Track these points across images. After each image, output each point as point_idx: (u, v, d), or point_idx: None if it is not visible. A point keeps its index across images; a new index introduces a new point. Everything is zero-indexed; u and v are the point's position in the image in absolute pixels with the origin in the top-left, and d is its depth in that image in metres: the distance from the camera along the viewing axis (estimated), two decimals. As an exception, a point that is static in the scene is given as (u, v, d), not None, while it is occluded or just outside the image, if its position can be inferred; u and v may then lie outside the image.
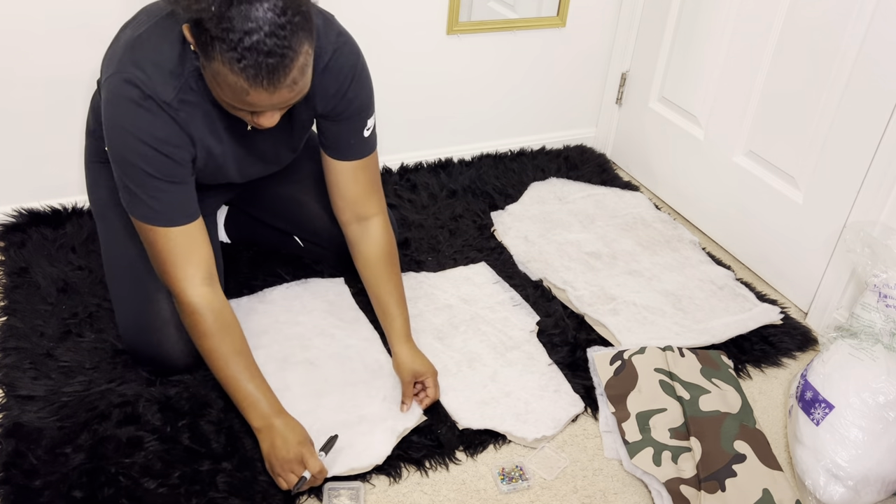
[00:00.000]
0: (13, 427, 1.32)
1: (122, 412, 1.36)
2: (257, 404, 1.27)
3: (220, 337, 1.28)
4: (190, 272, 1.27)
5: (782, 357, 1.68)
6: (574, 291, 1.78)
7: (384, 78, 2.12)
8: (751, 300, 1.81)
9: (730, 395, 1.49)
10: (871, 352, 1.37)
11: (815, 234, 1.78)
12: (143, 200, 1.23)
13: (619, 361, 1.55)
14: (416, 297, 1.72)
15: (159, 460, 1.29)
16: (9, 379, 1.41)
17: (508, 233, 1.99)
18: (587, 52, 2.35)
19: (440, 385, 1.48)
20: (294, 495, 1.26)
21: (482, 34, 2.16)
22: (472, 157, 2.34)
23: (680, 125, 2.16)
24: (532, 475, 1.36)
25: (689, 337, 1.67)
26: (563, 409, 1.48)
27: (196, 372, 1.45)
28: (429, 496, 1.32)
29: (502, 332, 1.65)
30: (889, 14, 1.53)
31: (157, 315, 1.40)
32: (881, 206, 1.59)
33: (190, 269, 1.27)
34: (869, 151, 1.60)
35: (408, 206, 2.06)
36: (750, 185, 1.94)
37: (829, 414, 1.35)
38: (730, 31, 1.94)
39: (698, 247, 2.01)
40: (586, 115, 2.49)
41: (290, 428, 1.26)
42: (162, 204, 1.24)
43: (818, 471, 1.33)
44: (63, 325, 1.53)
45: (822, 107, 1.71)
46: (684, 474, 1.34)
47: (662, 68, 2.21)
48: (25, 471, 1.25)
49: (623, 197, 2.20)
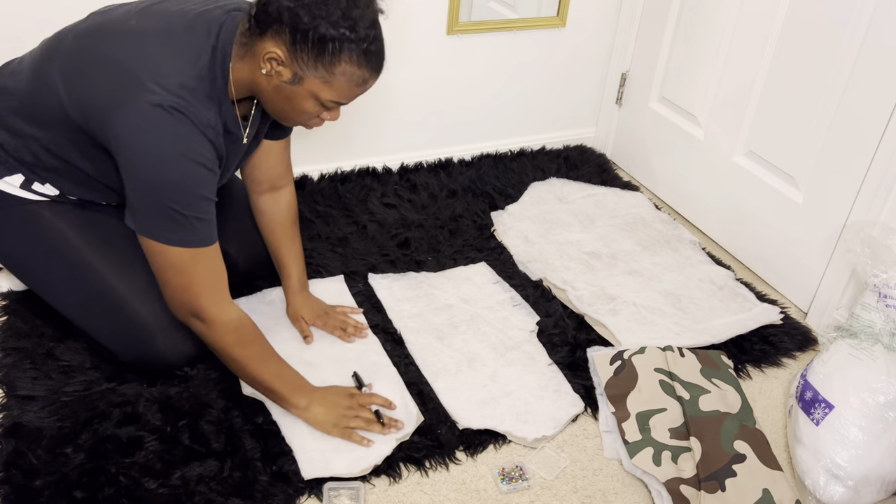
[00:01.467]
0: (13, 427, 1.32)
1: (122, 412, 1.36)
2: (300, 386, 1.38)
3: (259, 342, 1.35)
4: (222, 291, 1.30)
5: (782, 357, 1.68)
6: (574, 291, 1.78)
7: (384, 78, 2.11)
8: (751, 300, 1.81)
9: (730, 395, 1.49)
10: (871, 352, 1.37)
11: (814, 234, 1.78)
12: (191, 224, 1.23)
13: (619, 361, 1.55)
14: (416, 297, 1.72)
15: (159, 460, 1.29)
16: (9, 379, 1.41)
17: (508, 233, 1.99)
18: (587, 52, 2.35)
19: (440, 385, 1.49)
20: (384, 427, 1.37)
21: (482, 34, 2.16)
22: (472, 157, 2.34)
23: (680, 125, 2.16)
24: (532, 475, 1.36)
25: (689, 337, 1.67)
26: (563, 409, 1.48)
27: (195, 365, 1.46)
28: (429, 496, 1.32)
29: (502, 332, 1.65)
30: (889, 14, 1.53)
31: (146, 328, 1.39)
32: (881, 206, 1.59)
33: (222, 289, 1.29)
34: (869, 151, 1.60)
35: (408, 206, 2.06)
36: (750, 185, 1.95)
37: (829, 414, 1.35)
38: (730, 31, 1.94)
39: (698, 247, 2.01)
40: (586, 115, 2.49)
41: (328, 391, 1.40)
42: (205, 224, 1.25)
43: (818, 471, 1.33)
44: (63, 325, 1.53)
45: (822, 107, 1.71)
46: (684, 474, 1.34)
47: (662, 68, 2.21)
48: (25, 471, 1.25)
49: (623, 197, 2.20)
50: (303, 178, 2.13)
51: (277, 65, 1.19)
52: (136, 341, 1.40)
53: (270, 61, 1.19)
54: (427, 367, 1.54)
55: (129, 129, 1.18)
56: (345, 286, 1.73)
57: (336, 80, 1.20)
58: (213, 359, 1.49)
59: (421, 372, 1.53)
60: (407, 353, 1.58)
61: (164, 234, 1.23)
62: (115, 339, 1.41)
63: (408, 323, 1.65)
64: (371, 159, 2.24)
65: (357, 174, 2.19)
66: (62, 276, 1.41)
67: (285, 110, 1.26)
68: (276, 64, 1.19)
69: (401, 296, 1.73)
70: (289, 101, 1.23)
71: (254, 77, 1.23)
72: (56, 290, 1.44)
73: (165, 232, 1.23)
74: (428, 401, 1.46)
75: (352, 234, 1.93)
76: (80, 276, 1.40)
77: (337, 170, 2.19)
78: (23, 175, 1.37)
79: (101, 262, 1.40)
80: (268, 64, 1.20)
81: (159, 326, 1.39)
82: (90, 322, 1.43)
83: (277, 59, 1.18)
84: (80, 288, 1.41)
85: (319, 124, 1.31)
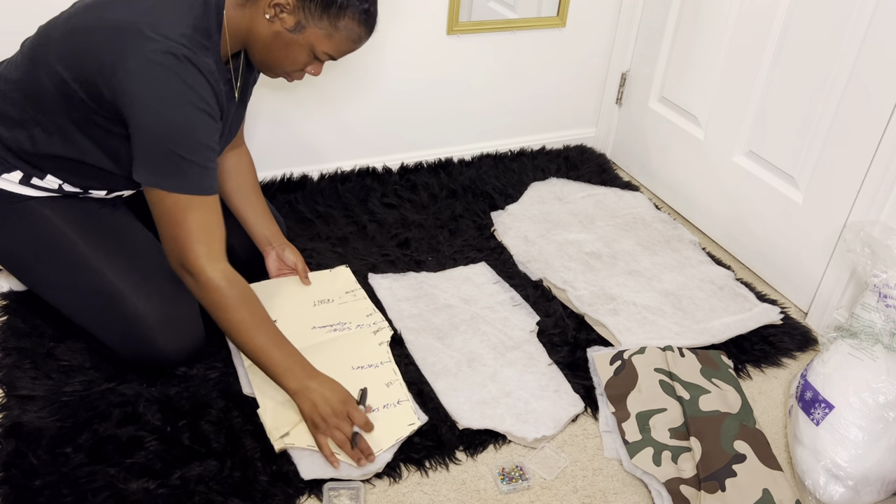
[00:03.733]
0: (13, 427, 1.32)
1: (122, 412, 1.36)
2: (291, 368, 1.30)
3: (245, 308, 1.29)
4: (215, 248, 1.28)
5: (782, 357, 1.68)
6: (574, 291, 1.78)
7: (384, 78, 2.12)
8: (751, 300, 1.81)
9: (730, 395, 1.49)
10: (871, 352, 1.37)
11: (815, 234, 1.78)
12: (192, 171, 1.24)
13: (619, 361, 1.55)
14: (416, 297, 1.72)
15: (159, 460, 1.29)
16: (9, 379, 1.41)
17: (508, 233, 1.99)
18: (587, 52, 2.35)
19: (440, 385, 1.49)
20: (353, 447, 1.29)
21: (482, 34, 2.16)
22: (472, 157, 2.34)
23: (680, 125, 2.16)
24: (532, 475, 1.36)
25: (689, 337, 1.67)
26: (563, 409, 1.48)
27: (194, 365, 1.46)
28: (429, 496, 1.32)
29: (502, 332, 1.65)
30: (889, 14, 1.53)
31: (145, 323, 1.39)
32: (881, 206, 1.59)
33: (215, 245, 1.28)
34: (869, 151, 1.60)
35: (408, 206, 2.06)
36: (750, 185, 1.95)
37: (829, 414, 1.35)
38: (730, 31, 1.94)
39: (698, 247, 2.01)
40: (586, 115, 2.49)
41: (327, 387, 1.31)
42: (208, 173, 1.26)
43: (818, 471, 1.33)
44: (63, 325, 1.53)
45: (822, 107, 1.71)
46: (684, 474, 1.34)
47: (662, 68, 2.21)
48: (25, 471, 1.25)
49: (623, 197, 2.20)
50: (303, 178, 2.13)
51: (282, 11, 1.24)
52: (136, 337, 1.39)
53: (276, 7, 1.24)
54: (427, 367, 1.54)
55: (137, 76, 1.19)
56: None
57: (337, 34, 1.27)
58: (213, 358, 1.49)
59: (421, 372, 1.53)
60: (407, 352, 1.58)
61: (166, 180, 1.24)
62: (114, 335, 1.41)
63: (408, 323, 1.65)
64: (371, 159, 2.24)
65: (357, 174, 2.19)
66: (61, 271, 1.41)
67: (278, 59, 1.30)
68: (281, 10, 1.24)
69: (401, 296, 1.73)
70: (284, 48, 1.28)
71: (252, 24, 1.27)
72: (55, 286, 1.44)
73: (167, 179, 1.24)
74: (428, 401, 1.46)
75: (352, 234, 1.93)
76: (78, 272, 1.40)
77: (337, 170, 2.19)
78: (21, 171, 1.37)
79: (100, 257, 1.40)
80: (273, 10, 1.24)
81: (158, 322, 1.39)
82: (89, 318, 1.42)
83: (286, 5, 1.23)
84: (79, 284, 1.41)
85: (301, 77, 1.36)
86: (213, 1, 1.26)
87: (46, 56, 1.29)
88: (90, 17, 1.26)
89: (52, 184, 1.40)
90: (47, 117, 1.32)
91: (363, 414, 1.31)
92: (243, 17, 1.28)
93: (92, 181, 1.41)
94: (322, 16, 1.25)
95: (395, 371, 1.48)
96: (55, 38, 1.29)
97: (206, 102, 1.24)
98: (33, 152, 1.35)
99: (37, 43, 1.32)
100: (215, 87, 1.26)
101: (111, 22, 1.23)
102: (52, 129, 1.33)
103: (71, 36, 1.27)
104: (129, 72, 1.19)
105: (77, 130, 1.32)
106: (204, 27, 1.25)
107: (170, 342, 1.41)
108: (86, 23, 1.26)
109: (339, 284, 1.71)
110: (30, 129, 1.34)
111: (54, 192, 1.41)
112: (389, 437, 1.35)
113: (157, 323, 1.39)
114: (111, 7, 1.26)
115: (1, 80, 1.37)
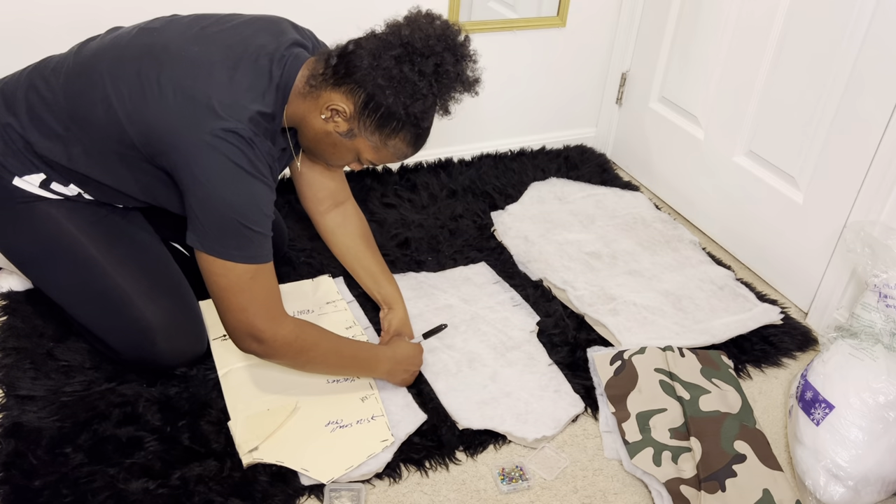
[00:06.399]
0: (13, 427, 1.32)
1: (122, 412, 1.36)
2: (375, 355, 1.43)
3: (319, 340, 1.34)
4: (279, 308, 1.28)
5: (782, 357, 1.68)
6: (574, 291, 1.78)
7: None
8: (751, 300, 1.81)
9: (730, 395, 1.49)
10: (872, 352, 1.37)
11: (815, 234, 1.78)
12: (258, 240, 1.24)
13: (619, 361, 1.55)
14: (416, 297, 1.72)
15: (159, 460, 1.29)
16: (9, 379, 1.41)
17: (508, 233, 1.99)
18: (587, 52, 2.35)
19: (440, 385, 1.49)
20: None
21: (482, 34, 2.16)
22: (472, 157, 2.34)
23: (680, 125, 2.16)
24: (532, 475, 1.36)
25: (689, 337, 1.67)
26: (563, 410, 1.48)
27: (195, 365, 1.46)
28: (429, 496, 1.32)
29: (502, 332, 1.65)
30: (889, 14, 1.53)
31: (148, 328, 1.39)
32: (881, 206, 1.59)
33: (278, 306, 1.28)
34: (869, 151, 1.60)
35: (408, 206, 2.06)
36: (750, 185, 1.94)
37: (829, 414, 1.35)
38: (730, 31, 1.94)
39: (698, 247, 2.01)
40: (586, 115, 2.49)
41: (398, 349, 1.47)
42: (268, 241, 1.26)
43: (818, 471, 1.33)
44: (63, 325, 1.53)
45: (822, 107, 1.71)
46: (684, 474, 1.34)
47: (662, 68, 2.21)
48: (25, 471, 1.25)
49: (623, 197, 2.20)
50: (303, 178, 2.13)
51: (338, 115, 1.25)
52: (138, 341, 1.40)
53: (333, 111, 1.25)
54: (427, 367, 1.54)
55: (203, 151, 1.18)
56: (344, 286, 1.73)
57: (384, 150, 1.30)
58: (213, 359, 1.49)
59: (421, 372, 1.53)
60: (407, 353, 1.58)
61: (233, 251, 1.22)
62: (116, 337, 1.41)
63: (408, 323, 1.65)
64: (371, 159, 2.24)
65: (357, 174, 2.19)
66: (69, 272, 1.41)
67: (325, 152, 1.34)
68: (337, 115, 1.25)
69: (401, 296, 1.73)
70: (332, 147, 1.31)
71: (307, 115, 1.29)
72: (63, 286, 1.43)
73: (234, 250, 1.22)
74: (428, 401, 1.46)
75: (352, 234, 1.93)
76: (86, 273, 1.40)
77: (337, 170, 2.19)
78: (44, 174, 1.36)
79: (108, 260, 1.40)
80: (329, 112, 1.25)
81: (161, 327, 1.39)
82: (93, 320, 1.43)
83: (342, 113, 1.25)
84: (86, 285, 1.41)
85: (342, 168, 1.44)
86: (282, 87, 1.26)
87: (105, 85, 1.25)
88: (165, 72, 1.22)
89: (73, 192, 1.39)
90: (92, 142, 1.30)
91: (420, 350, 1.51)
92: (301, 106, 1.28)
93: (116, 200, 1.42)
94: (375, 132, 1.26)
95: (372, 385, 1.47)
96: (120, 72, 1.25)
97: (265, 176, 1.24)
98: (67, 167, 1.34)
99: (98, 59, 1.28)
100: (272, 165, 1.28)
101: (184, 88, 1.20)
102: (94, 153, 1.31)
103: (137, 80, 1.23)
104: (195, 144, 1.18)
105: (121, 165, 1.31)
106: (271, 114, 1.26)
107: (173, 348, 1.42)
108: (158, 75, 1.22)
109: (319, 294, 1.70)
110: (70, 147, 1.31)
111: (72, 198, 1.41)
112: (360, 454, 1.33)
113: (162, 329, 1.40)
114: (188, 67, 1.22)
115: (45, 81, 1.32)
